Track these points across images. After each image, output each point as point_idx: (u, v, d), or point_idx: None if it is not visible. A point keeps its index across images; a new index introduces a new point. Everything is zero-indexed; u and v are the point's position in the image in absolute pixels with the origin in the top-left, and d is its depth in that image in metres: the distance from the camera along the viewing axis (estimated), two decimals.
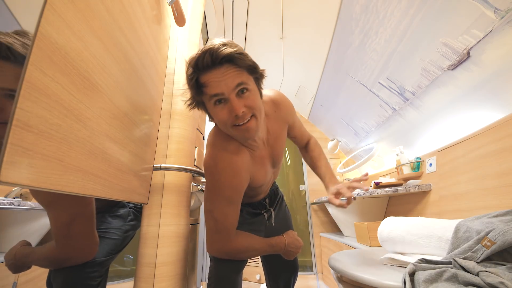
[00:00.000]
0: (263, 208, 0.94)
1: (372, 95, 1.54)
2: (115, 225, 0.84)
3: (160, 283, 0.69)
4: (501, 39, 0.84)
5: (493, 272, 0.47)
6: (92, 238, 0.67)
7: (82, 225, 0.63)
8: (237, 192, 0.71)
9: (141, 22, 0.67)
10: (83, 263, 0.68)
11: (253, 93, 0.62)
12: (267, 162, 0.80)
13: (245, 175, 0.71)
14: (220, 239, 0.71)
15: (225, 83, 0.57)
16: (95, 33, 0.44)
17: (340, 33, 1.44)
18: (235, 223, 0.72)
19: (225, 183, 0.68)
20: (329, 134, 2.52)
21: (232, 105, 0.58)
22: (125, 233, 0.85)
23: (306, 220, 2.39)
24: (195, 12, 1.04)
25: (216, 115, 0.62)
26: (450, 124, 1.20)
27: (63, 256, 0.64)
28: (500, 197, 0.91)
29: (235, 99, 0.59)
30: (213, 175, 0.69)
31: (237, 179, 0.69)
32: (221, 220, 0.69)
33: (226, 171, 0.67)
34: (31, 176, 0.31)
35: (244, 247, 0.74)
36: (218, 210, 0.69)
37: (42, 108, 0.33)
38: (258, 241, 0.78)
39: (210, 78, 0.58)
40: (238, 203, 0.72)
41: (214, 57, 0.56)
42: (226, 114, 0.60)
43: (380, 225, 0.90)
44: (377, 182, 1.47)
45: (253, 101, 0.61)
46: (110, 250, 0.78)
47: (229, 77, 0.58)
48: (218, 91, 0.58)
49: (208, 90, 0.59)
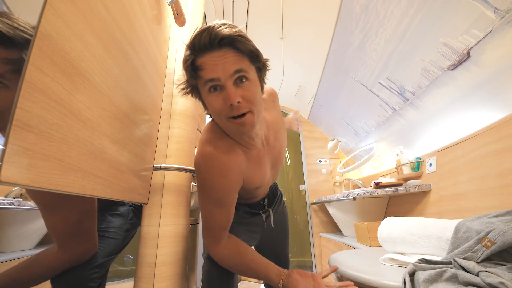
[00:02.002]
0: (261, 208, 0.90)
1: (372, 95, 1.54)
2: (115, 224, 0.82)
3: (160, 283, 0.69)
4: (501, 39, 0.84)
5: (493, 272, 0.47)
6: (95, 235, 0.67)
7: (91, 221, 0.64)
8: (225, 194, 0.65)
9: (141, 22, 0.67)
10: (83, 265, 0.67)
11: (253, 84, 0.56)
12: (266, 162, 0.74)
13: (236, 177, 0.65)
14: (209, 236, 0.67)
15: (222, 67, 0.52)
16: (95, 33, 0.45)
17: (340, 33, 1.44)
18: (225, 226, 0.67)
19: (213, 184, 0.62)
20: (329, 134, 2.52)
21: (228, 92, 0.52)
22: (125, 232, 0.84)
23: (306, 220, 2.39)
24: (195, 12, 1.04)
25: (210, 103, 0.56)
26: (450, 124, 1.20)
27: (67, 257, 0.63)
28: (500, 197, 0.91)
29: (231, 86, 0.53)
30: (201, 174, 0.63)
31: (225, 180, 0.63)
32: (208, 220, 0.66)
33: (214, 171, 0.62)
34: (31, 176, 0.31)
35: (232, 255, 0.67)
36: (206, 209, 0.65)
37: (42, 108, 0.33)
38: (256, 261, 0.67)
39: (206, 60, 0.53)
40: (229, 206, 0.66)
41: (213, 37, 0.51)
42: (221, 103, 0.54)
43: (380, 225, 0.90)
44: (377, 182, 1.47)
45: (251, 93, 0.55)
46: (111, 250, 0.77)
47: (227, 62, 0.52)
48: (214, 76, 0.52)
49: (204, 73, 0.53)
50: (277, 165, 0.81)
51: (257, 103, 0.56)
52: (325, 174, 2.49)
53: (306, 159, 2.54)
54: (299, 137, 2.62)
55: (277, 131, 0.75)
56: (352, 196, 1.54)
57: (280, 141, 0.77)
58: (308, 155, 2.55)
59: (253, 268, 0.66)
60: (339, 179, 2.44)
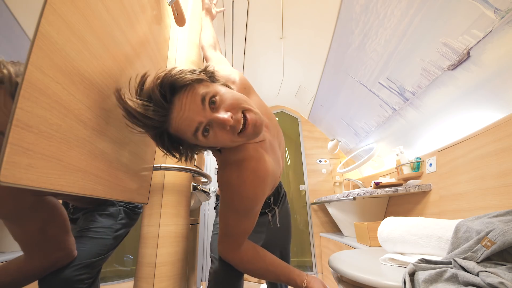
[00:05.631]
0: (267, 207, 0.88)
1: (372, 95, 1.54)
2: (104, 224, 0.81)
3: (160, 283, 0.69)
4: (501, 39, 0.84)
5: (493, 272, 0.47)
6: (68, 243, 0.65)
7: (57, 227, 0.62)
8: (259, 202, 0.63)
9: (141, 22, 0.67)
10: (68, 265, 0.66)
11: (222, 93, 0.52)
12: (276, 146, 0.71)
13: (271, 180, 0.63)
14: (227, 242, 0.66)
15: (191, 112, 0.48)
16: (95, 33, 0.45)
17: (340, 33, 1.44)
18: (249, 231, 0.66)
19: (247, 195, 0.59)
20: (329, 134, 2.52)
21: (218, 121, 0.49)
22: (115, 232, 0.83)
23: (306, 220, 2.39)
24: (195, 12, 1.04)
25: (216, 142, 0.53)
26: (450, 124, 1.20)
27: (37, 264, 0.62)
28: (500, 197, 0.91)
29: (213, 114, 0.49)
30: (233, 188, 0.59)
31: (262, 187, 0.60)
32: (232, 227, 0.63)
33: (250, 182, 0.58)
34: (31, 176, 0.31)
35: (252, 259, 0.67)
36: (232, 219, 0.63)
37: (42, 108, 0.33)
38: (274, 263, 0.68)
39: (176, 122, 0.49)
40: (258, 212, 0.65)
41: (160, 104, 0.47)
42: (223, 133, 0.51)
43: (380, 225, 0.90)
44: (377, 182, 1.47)
45: (229, 99, 0.52)
46: (99, 250, 0.76)
47: (188, 103, 0.48)
48: (195, 125, 0.49)
49: (186, 134, 0.50)
50: (281, 146, 0.78)
51: (239, 100, 0.53)
52: (325, 174, 2.49)
53: (306, 159, 2.54)
54: (299, 137, 2.62)
55: (266, 112, 0.72)
56: (352, 196, 1.54)
57: (273, 120, 0.75)
58: (308, 155, 2.55)
59: (272, 271, 0.67)
60: (339, 179, 2.44)
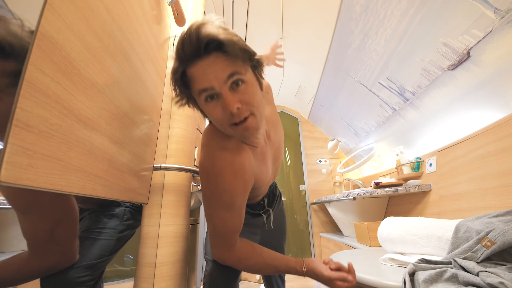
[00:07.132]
0: (261, 208, 0.88)
1: (372, 95, 1.54)
2: (110, 225, 0.81)
3: (160, 283, 0.69)
4: (501, 39, 0.84)
5: (493, 272, 0.47)
6: (72, 247, 0.65)
7: (66, 230, 0.61)
8: (239, 197, 0.62)
9: (141, 22, 0.67)
10: (71, 266, 0.66)
11: (250, 86, 0.52)
12: (268, 158, 0.72)
13: (249, 177, 0.62)
14: (220, 244, 0.65)
15: (214, 75, 0.48)
16: (95, 33, 0.44)
17: (340, 33, 1.44)
18: (238, 229, 0.64)
19: (225, 188, 0.59)
20: (329, 134, 2.52)
21: (225, 100, 0.49)
22: (119, 233, 0.82)
23: (306, 220, 2.39)
24: (195, 12, 1.04)
25: (210, 113, 0.54)
26: (450, 124, 1.20)
27: (37, 265, 0.61)
28: (500, 197, 0.91)
29: (228, 93, 0.49)
30: (210, 178, 0.59)
31: (239, 181, 0.60)
32: (219, 227, 0.62)
33: (226, 174, 0.58)
34: (31, 176, 0.31)
35: (249, 256, 0.66)
36: (216, 216, 0.61)
37: (42, 108, 0.33)
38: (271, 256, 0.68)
39: (196, 70, 0.49)
40: (241, 208, 0.64)
41: (198, 45, 0.47)
42: (220, 112, 0.51)
43: (380, 225, 0.90)
44: (377, 182, 1.47)
45: (250, 96, 0.52)
46: (102, 252, 0.75)
47: (218, 68, 0.48)
48: (207, 85, 0.49)
49: (196, 84, 0.50)
50: (277, 161, 0.79)
51: (257, 104, 0.53)
52: (325, 174, 2.49)
53: (306, 159, 2.54)
54: (299, 137, 2.62)
55: (275, 125, 0.73)
56: (352, 196, 1.54)
57: (279, 135, 0.75)
58: (308, 155, 2.56)
59: (271, 264, 0.66)
60: (339, 179, 2.44)
